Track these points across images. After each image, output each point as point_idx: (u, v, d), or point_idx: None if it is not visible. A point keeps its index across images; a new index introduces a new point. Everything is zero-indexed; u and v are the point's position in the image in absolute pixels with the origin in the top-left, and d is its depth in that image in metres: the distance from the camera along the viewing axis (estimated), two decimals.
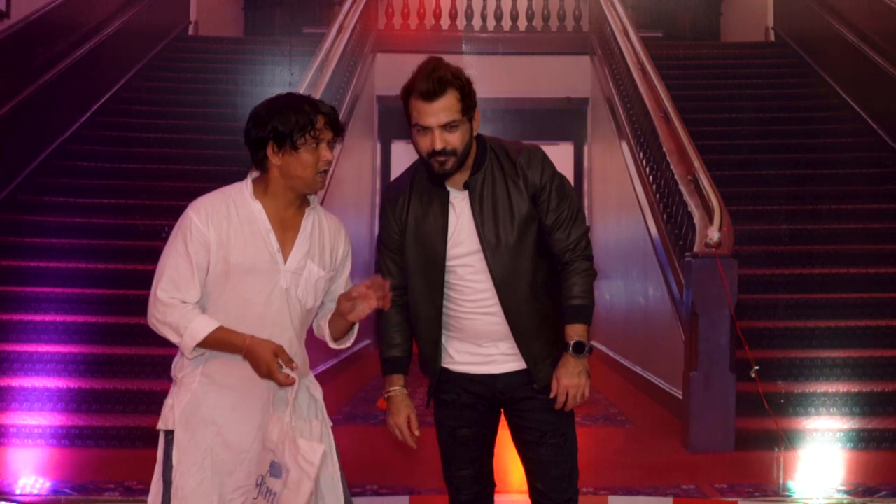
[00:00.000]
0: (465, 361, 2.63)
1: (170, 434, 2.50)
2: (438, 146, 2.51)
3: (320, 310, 2.67)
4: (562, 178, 2.64)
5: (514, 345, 2.59)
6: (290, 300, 2.51)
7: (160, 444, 2.53)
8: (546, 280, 2.61)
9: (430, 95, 2.49)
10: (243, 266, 2.47)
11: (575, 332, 2.56)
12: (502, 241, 2.55)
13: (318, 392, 2.67)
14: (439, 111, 2.50)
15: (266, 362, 2.39)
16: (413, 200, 2.64)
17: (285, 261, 2.51)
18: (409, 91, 2.55)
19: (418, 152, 2.60)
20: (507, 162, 2.60)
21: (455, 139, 2.52)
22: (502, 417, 2.75)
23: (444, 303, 2.59)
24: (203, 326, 2.43)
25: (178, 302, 2.45)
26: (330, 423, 2.65)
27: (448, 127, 2.51)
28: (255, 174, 2.58)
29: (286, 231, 2.53)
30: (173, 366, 2.57)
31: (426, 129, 2.52)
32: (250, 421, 2.47)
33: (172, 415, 2.50)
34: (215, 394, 2.49)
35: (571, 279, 2.59)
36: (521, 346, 2.58)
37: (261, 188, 2.54)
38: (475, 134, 2.60)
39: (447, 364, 2.68)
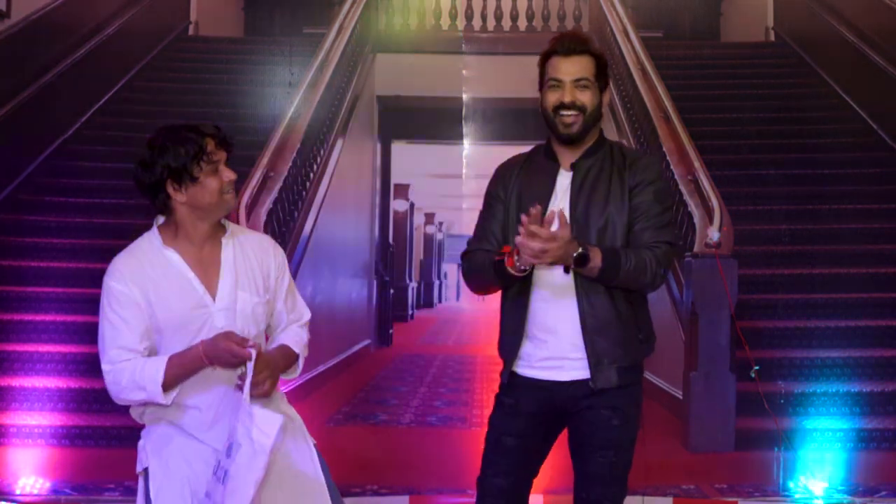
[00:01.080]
0: (533, 366, 2.60)
1: (147, 472, 2.44)
2: (567, 99, 2.56)
3: (272, 335, 2.58)
4: (666, 190, 2.64)
5: (581, 346, 2.56)
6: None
7: (140, 487, 2.46)
8: None
9: (569, 52, 2.57)
10: (171, 321, 2.40)
11: (595, 252, 2.44)
12: (591, 225, 2.54)
13: (291, 410, 2.59)
14: (574, 67, 2.57)
15: (224, 348, 2.30)
16: (524, 170, 2.67)
17: (214, 300, 2.43)
18: (548, 52, 2.62)
19: (544, 112, 2.62)
20: (620, 157, 2.62)
21: (585, 98, 2.57)
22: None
23: (532, 278, 2.54)
24: (156, 366, 2.34)
25: (123, 361, 2.37)
26: (313, 441, 2.58)
27: (580, 84, 2.57)
28: (160, 220, 2.50)
29: (208, 269, 2.44)
30: (133, 413, 2.50)
31: (558, 84, 2.57)
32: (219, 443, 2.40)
33: (146, 452, 2.45)
34: (183, 433, 2.43)
35: (639, 249, 2.52)
36: (587, 342, 2.53)
37: (170, 234, 2.46)
38: (603, 110, 2.64)
39: (517, 368, 2.64)
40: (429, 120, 8.22)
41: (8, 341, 5.18)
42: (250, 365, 2.30)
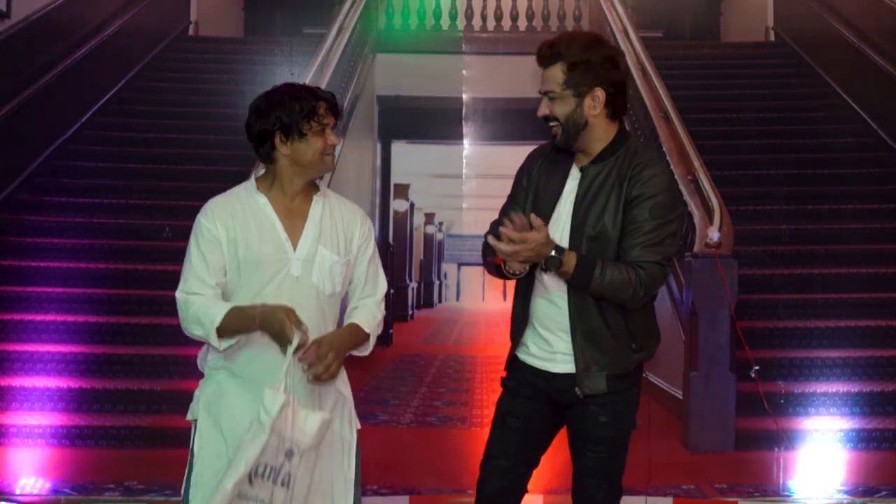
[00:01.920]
0: (533, 354, 2.66)
1: (196, 423, 2.57)
2: (539, 112, 2.62)
3: (349, 306, 2.68)
4: (667, 205, 2.56)
5: (572, 349, 2.58)
6: (303, 288, 2.53)
7: (192, 434, 2.59)
8: None
9: (540, 63, 2.62)
10: (251, 260, 2.52)
11: (570, 257, 2.48)
12: (585, 232, 2.56)
13: (346, 389, 2.71)
14: (544, 79, 2.61)
15: (279, 319, 2.40)
16: (546, 161, 2.71)
17: (294, 249, 2.54)
18: None
19: None
20: (627, 166, 2.58)
21: (555, 109, 2.59)
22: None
23: (536, 273, 2.58)
24: (218, 308, 2.48)
25: (193, 295, 2.52)
26: (358, 426, 2.72)
27: (548, 96, 2.60)
28: (259, 172, 2.64)
29: (294, 220, 2.58)
30: (199, 359, 2.63)
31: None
32: None
33: (199, 404, 2.57)
34: (239, 386, 2.53)
35: (626, 266, 2.51)
36: (576, 347, 2.56)
37: (265, 183, 2.60)
38: (594, 113, 2.58)
39: (518, 353, 2.71)
40: (429, 120, 8.21)
41: (8, 341, 5.18)
42: (290, 352, 2.37)
